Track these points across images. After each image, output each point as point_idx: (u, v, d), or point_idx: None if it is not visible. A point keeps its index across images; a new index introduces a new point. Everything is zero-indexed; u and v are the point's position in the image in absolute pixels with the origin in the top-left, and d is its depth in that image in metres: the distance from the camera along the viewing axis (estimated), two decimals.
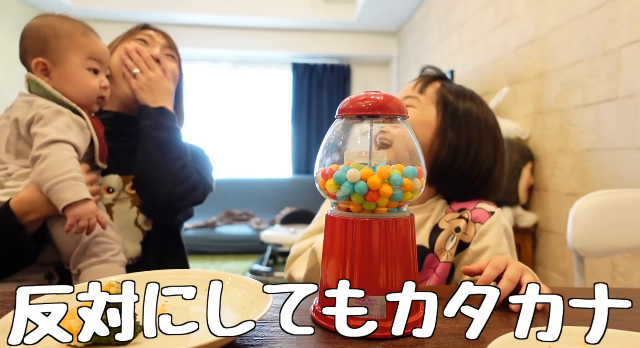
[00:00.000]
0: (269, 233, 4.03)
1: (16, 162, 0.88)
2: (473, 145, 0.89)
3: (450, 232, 0.88)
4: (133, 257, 1.00)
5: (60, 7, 4.42)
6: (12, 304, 0.54)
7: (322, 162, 0.59)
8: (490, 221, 0.86)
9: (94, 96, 0.94)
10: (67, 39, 0.91)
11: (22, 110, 0.88)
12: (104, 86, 0.96)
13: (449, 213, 0.90)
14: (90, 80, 0.93)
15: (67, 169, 0.81)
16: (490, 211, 0.88)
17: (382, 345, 0.50)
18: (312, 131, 5.58)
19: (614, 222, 1.14)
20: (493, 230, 0.85)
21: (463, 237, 0.86)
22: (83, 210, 0.81)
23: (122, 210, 1.01)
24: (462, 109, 0.91)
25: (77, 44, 0.92)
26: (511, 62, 2.48)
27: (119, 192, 1.01)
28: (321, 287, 0.59)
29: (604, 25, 1.73)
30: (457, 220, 0.88)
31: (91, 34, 0.96)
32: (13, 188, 0.85)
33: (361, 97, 0.56)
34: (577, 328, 0.49)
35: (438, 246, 0.87)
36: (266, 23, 4.88)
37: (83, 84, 0.92)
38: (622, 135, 1.65)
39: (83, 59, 0.92)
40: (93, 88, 0.93)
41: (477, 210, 0.88)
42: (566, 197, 1.98)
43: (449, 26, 3.47)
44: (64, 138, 0.84)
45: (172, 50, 1.13)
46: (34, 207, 0.83)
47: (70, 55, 0.91)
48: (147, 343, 0.48)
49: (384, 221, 0.54)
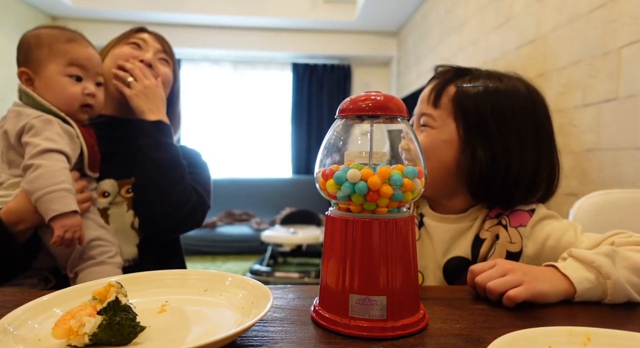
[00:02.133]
0: (269, 233, 4.03)
1: (8, 171, 0.88)
2: (512, 152, 0.78)
3: (492, 241, 0.81)
4: (129, 258, 1.00)
5: (60, 7, 4.42)
6: (11, 304, 0.54)
7: (322, 162, 0.59)
8: (532, 220, 0.79)
9: (75, 103, 0.92)
10: (47, 47, 0.90)
11: (11, 120, 0.88)
12: (88, 93, 0.93)
13: (488, 221, 0.82)
14: (69, 88, 0.91)
15: (59, 180, 0.82)
16: (529, 210, 0.80)
17: (382, 345, 0.50)
18: (312, 131, 5.58)
19: (613, 222, 1.14)
20: (539, 227, 0.78)
21: (510, 246, 0.78)
22: (70, 222, 0.81)
23: (117, 213, 1.00)
24: (487, 112, 0.78)
25: (57, 50, 0.90)
26: (511, 62, 2.48)
27: (115, 195, 1.01)
28: (321, 287, 0.59)
29: (604, 25, 1.73)
30: (496, 227, 0.81)
31: (78, 40, 0.93)
32: (3, 197, 0.85)
33: (361, 97, 0.56)
34: (577, 328, 0.49)
35: (481, 257, 0.81)
36: (266, 23, 4.89)
37: (61, 91, 0.90)
38: (622, 135, 1.65)
39: (62, 66, 0.90)
40: (72, 95, 0.91)
41: (515, 212, 0.80)
42: (566, 197, 1.98)
43: (449, 26, 3.46)
44: (56, 147, 0.84)
45: (166, 54, 1.11)
46: (22, 216, 0.83)
47: (49, 62, 0.90)
48: (147, 343, 0.48)
49: (384, 221, 0.54)
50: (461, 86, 0.82)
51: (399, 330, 0.52)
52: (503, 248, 0.79)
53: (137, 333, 0.48)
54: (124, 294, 0.50)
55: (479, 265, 0.69)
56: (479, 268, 0.68)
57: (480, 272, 0.67)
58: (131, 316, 0.48)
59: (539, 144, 0.80)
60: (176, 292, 0.62)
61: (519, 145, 0.79)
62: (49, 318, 0.52)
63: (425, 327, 0.55)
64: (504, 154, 0.78)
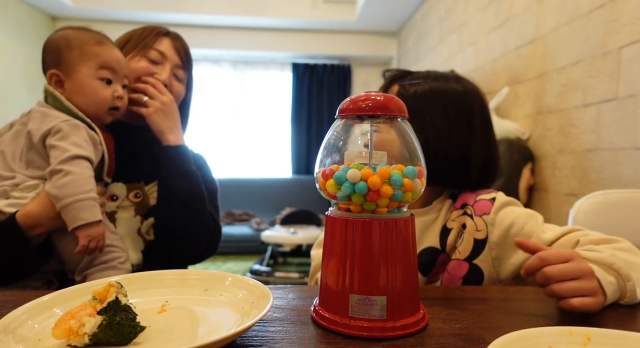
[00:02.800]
0: (269, 233, 4.03)
1: (25, 171, 0.87)
2: (441, 135, 0.86)
3: (459, 230, 0.87)
4: (134, 264, 0.98)
5: (60, 7, 4.42)
6: (11, 304, 0.54)
7: (322, 162, 0.59)
8: (494, 207, 0.85)
9: (105, 106, 0.93)
10: (78, 49, 0.90)
11: (37, 121, 0.87)
12: (118, 96, 0.94)
13: (454, 211, 0.89)
14: (101, 91, 0.91)
15: (87, 188, 0.82)
16: (490, 198, 0.87)
17: (382, 345, 0.50)
18: (312, 131, 5.58)
19: (613, 222, 1.14)
20: (502, 213, 0.85)
21: (476, 234, 0.85)
22: (95, 231, 0.82)
23: (125, 217, 0.99)
24: (423, 104, 0.87)
25: (89, 53, 0.90)
26: (511, 62, 2.48)
27: (123, 199, 1.00)
28: (321, 287, 0.59)
29: (603, 25, 1.73)
30: (462, 217, 0.87)
31: (106, 42, 0.94)
32: (18, 199, 0.84)
33: (361, 97, 0.56)
34: (577, 328, 0.49)
35: (449, 246, 0.87)
36: (266, 23, 4.88)
37: (94, 94, 0.91)
38: (622, 135, 1.65)
39: (94, 69, 0.90)
40: (104, 98, 0.92)
41: (478, 202, 0.87)
42: (566, 197, 1.98)
43: (449, 26, 3.47)
44: (85, 154, 0.85)
45: (183, 68, 1.08)
46: (41, 221, 0.82)
47: (81, 65, 0.90)
48: (147, 343, 0.48)
49: (384, 221, 0.54)
50: (403, 84, 0.93)
51: (399, 330, 0.52)
52: (470, 236, 0.85)
53: (137, 333, 0.48)
54: (124, 294, 0.50)
55: (551, 254, 0.62)
56: (552, 258, 0.61)
57: (553, 262, 0.61)
58: (131, 316, 0.48)
59: (470, 131, 0.89)
60: (176, 292, 0.63)
61: (447, 130, 0.88)
62: (49, 318, 0.52)
63: (425, 327, 0.55)
64: (435, 138, 0.87)
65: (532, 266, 0.62)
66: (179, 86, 1.08)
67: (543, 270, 0.60)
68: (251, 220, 4.87)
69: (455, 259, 0.85)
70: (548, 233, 0.81)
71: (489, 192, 0.89)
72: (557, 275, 0.59)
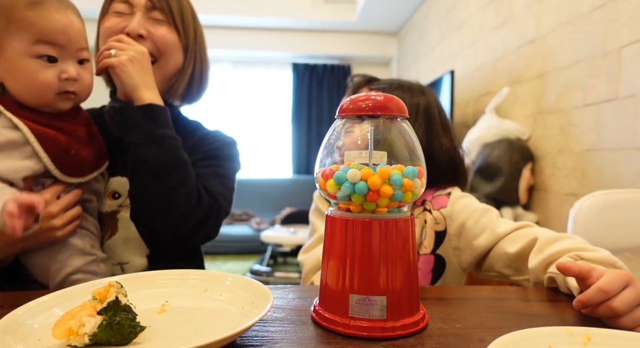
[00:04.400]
0: (269, 233, 4.03)
1: None
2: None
3: (422, 226, 0.91)
4: (138, 270, 0.86)
5: None
6: (11, 304, 0.54)
7: (322, 162, 0.59)
8: (450, 201, 0.91)
9: (50, 93, 0.71)
10: (4, 17, 0.66)
11: None
12: (67, 77, 0.71)
13: (415, 209, 0.93)
14: (40, 73, 0.69)
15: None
16: (446, 193, 0.93)
17: (382, 345, 0.50)
18: (312, 131, 5.58)
19: (613, 222, 1.14)
20: (457, 206, 0.90)
21: (436, 227, 0.90)
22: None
23: (128, 218, 0.85)
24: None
25: (18, 21, 0.66)
26: (511, 62, 2.48)
27: (126, 197, 0.86)
28: (321, 287, 0.59)
29: (604, 25, 1.73)
30: (423, 213, 0.92)
31: (45, 4, 0.67)
32: None
33: (361, 97, 0.56)
34: (577, 329, 0.49)
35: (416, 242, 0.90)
36: (266, 23, 4.88)
37: (29, 78, 0.68)
38: (622, 135, 1.65)
39: (28, 43, 0.67)
40: (45, 82, 0.69)
41: (436, 198, 0.93)
42: (566, 197, 1.98)
43: (449, 26, 3.47)
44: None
45: (158, 9, 0.89)
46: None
47: (8, 39, 0.67)
48: (147, 343, 0.48)
49: (384, 221, 0.54)
50: (371, 88, 0.96)
51: (399, 330, 0.52)
52: (431, 230, 0.90)
53: (137, 333, 0.48)
54: (124, 294, 0.50)
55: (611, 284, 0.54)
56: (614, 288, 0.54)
57: (615, 291, 0.54)
58: (131, 316, 0.48)
59: (430, 132, 0.93)
60: (176, 292, 0.62)
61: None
62: (49, 318, 0.52)
63: (425, 327, 0.55)
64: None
65: (594, 300, 0.55)
66: (162, 29, 0.89)
67: (610, 304, 0.54)
68: (251, 220, 4.87)
69: (423, 255, 0.90)
70: (502, 227, 0.86)
71: (445, 188, 0.94)
72: (626, 310, 0.54)
